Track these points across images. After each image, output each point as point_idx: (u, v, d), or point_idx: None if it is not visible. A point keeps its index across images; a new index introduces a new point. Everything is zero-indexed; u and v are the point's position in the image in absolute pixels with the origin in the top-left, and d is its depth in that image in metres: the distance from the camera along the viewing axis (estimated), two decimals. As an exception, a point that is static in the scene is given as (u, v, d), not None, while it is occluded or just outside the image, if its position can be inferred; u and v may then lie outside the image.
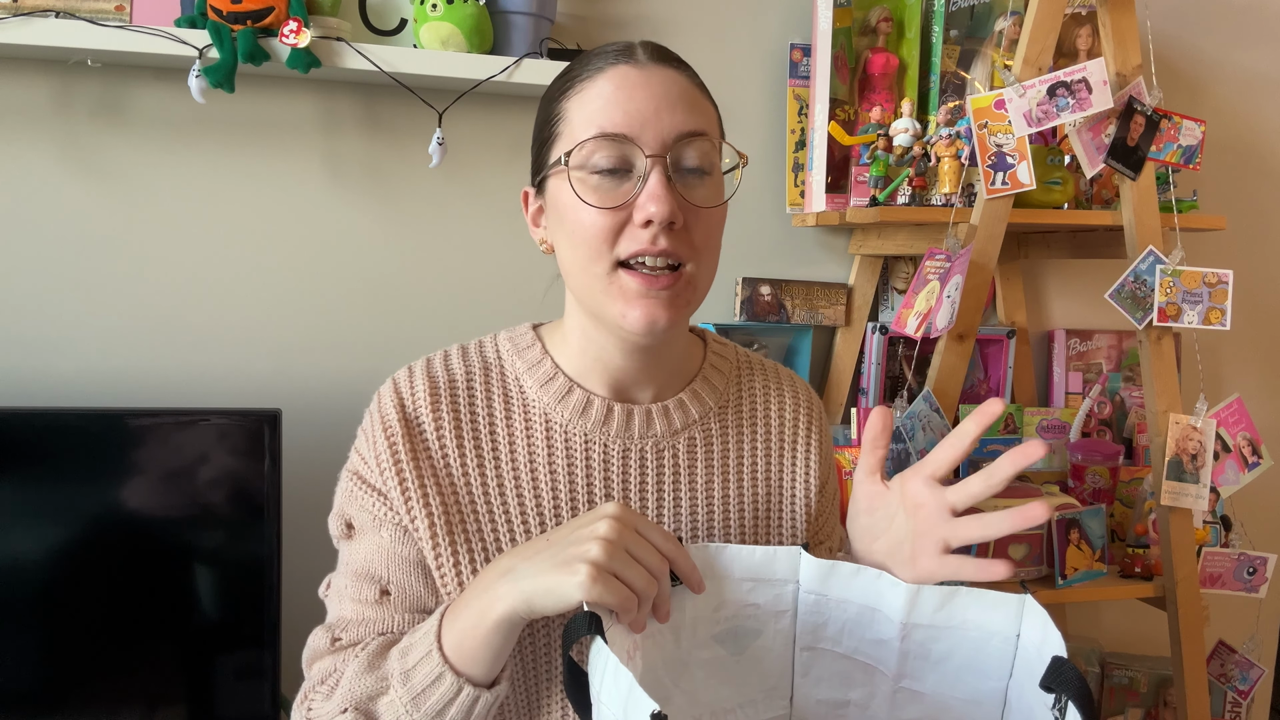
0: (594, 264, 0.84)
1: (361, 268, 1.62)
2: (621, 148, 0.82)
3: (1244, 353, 2.11)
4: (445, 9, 1.46)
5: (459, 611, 0.79)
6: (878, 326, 1.79)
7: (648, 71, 0.84)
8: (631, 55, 0.85)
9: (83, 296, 1.51)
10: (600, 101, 0.83)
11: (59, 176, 1.49)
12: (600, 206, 0.82)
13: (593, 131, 0.82)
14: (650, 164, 0.82)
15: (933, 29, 1.69)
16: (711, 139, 0.86)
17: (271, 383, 1.58)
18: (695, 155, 0.84)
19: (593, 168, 0.82)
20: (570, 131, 0.85)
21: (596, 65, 0.86)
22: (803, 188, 1.77)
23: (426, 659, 0.79)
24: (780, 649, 0.85)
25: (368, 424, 0.91)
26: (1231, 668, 1.83)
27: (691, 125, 0.84)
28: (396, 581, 0.88)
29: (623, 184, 0.83)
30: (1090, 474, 1.78)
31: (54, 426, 1.35)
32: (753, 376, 1.01)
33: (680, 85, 0.85)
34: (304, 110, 1.57)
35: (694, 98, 0.86)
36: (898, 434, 1.51)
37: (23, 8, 1.34)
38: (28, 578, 1.33)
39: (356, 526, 0.90)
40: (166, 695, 1.39)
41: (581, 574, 0.71)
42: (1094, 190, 1.74)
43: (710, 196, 0.86)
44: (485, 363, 0.93)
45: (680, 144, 0.83)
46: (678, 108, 0.83)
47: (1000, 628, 0.77)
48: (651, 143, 0.82)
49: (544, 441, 0.91)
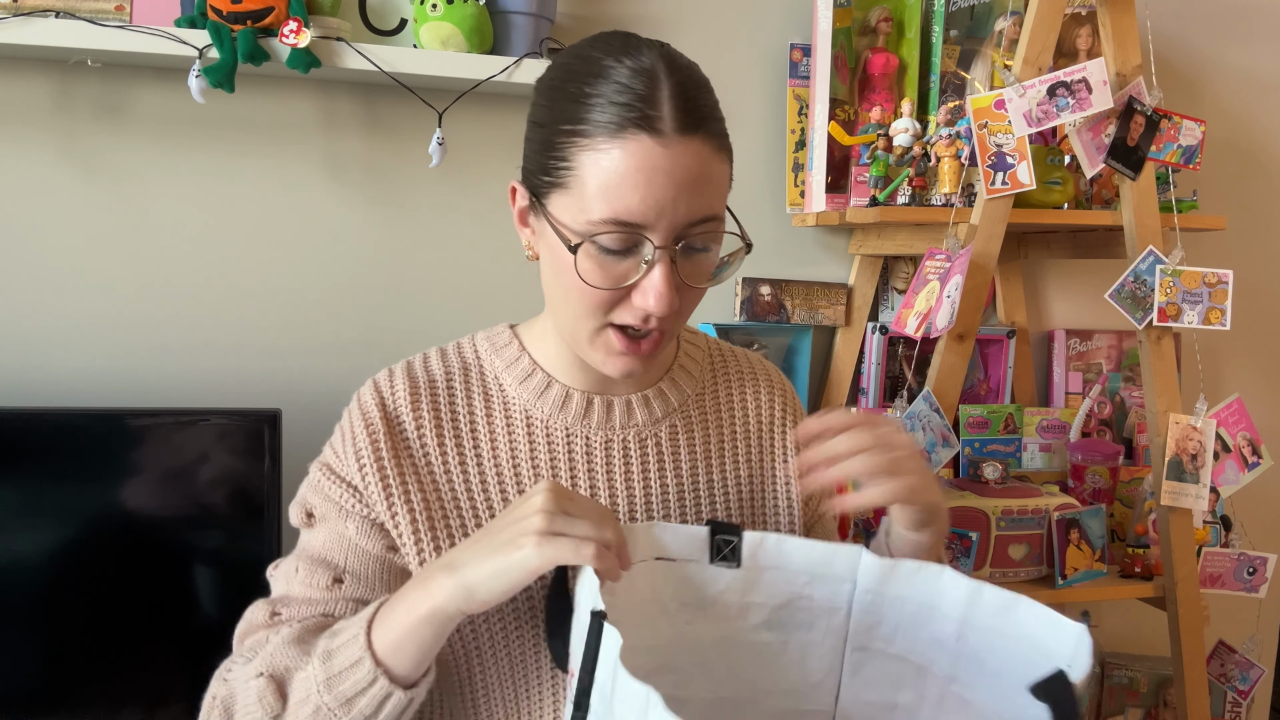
0: (583, 320, 0.83)
1: (361, 268, 1.62)
2: (632, 235, 0.79)
3: (1244, 353, 2.11)
4: (445, 9, 1.46)
5: (394, 604, 0.79)
6: (878, 326, 1.79)
7: (673, 151, 0.77)
8: (656, 124, 0.77)
9: (83, 296, 1.51)
10: (616, 179, 0.77)
11: (59, 176, 1.49)
12: (598, 287, 0.80)
13: (605, 214, 0.77)
14: (658, 255, 0.79)
15: (933, 29, 1.69)
16: (723, 217, 0.83)
17: (271, 383, 1.58)
18: (702, 239, 0.81)
19: (599, 244, 0.79)
20: (579, 191, 0.78)
21: (616, 121, 0.77)
22: (803, 188, 1.77)
23: (352, 643, 0.78)
24: (831, 646, 0.85)
25: (346, 422, 0.91)
26: (1231, 668, 1.83)
27: (707, 211, 0.80)
28: (352, 571, 0.88)
29: (624, 260, 0.80)
30: (1090, 474, 1.78)
31: (54, 426, 1.35)
32: (725, 363, 1.03)
33: (703, 160, 0.79)
34: (304, 110, 1.57)
35: (712, 172, 0.80)
36: (898, 434, 1.51)
37: (23, 8, 1.34)
38: (28, 578, 1.33)
39: (318, 515, 0.90)
40: (166, 695, 1.39)
41: (528, 545, 0.72)
42: (1094, 190, 1.74)
43: (707, 269, 0.84)
44: (464, 363, 0.94)
45: (691, 229, 0.80)
46: (695, 193, 0.78)
47: (1056, 653, 0.73)
48: (663, 234, 0.78)
49: (525, 437, 0.91)
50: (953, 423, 1.51)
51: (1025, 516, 1.63)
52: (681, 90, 0.78)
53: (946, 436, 1.49)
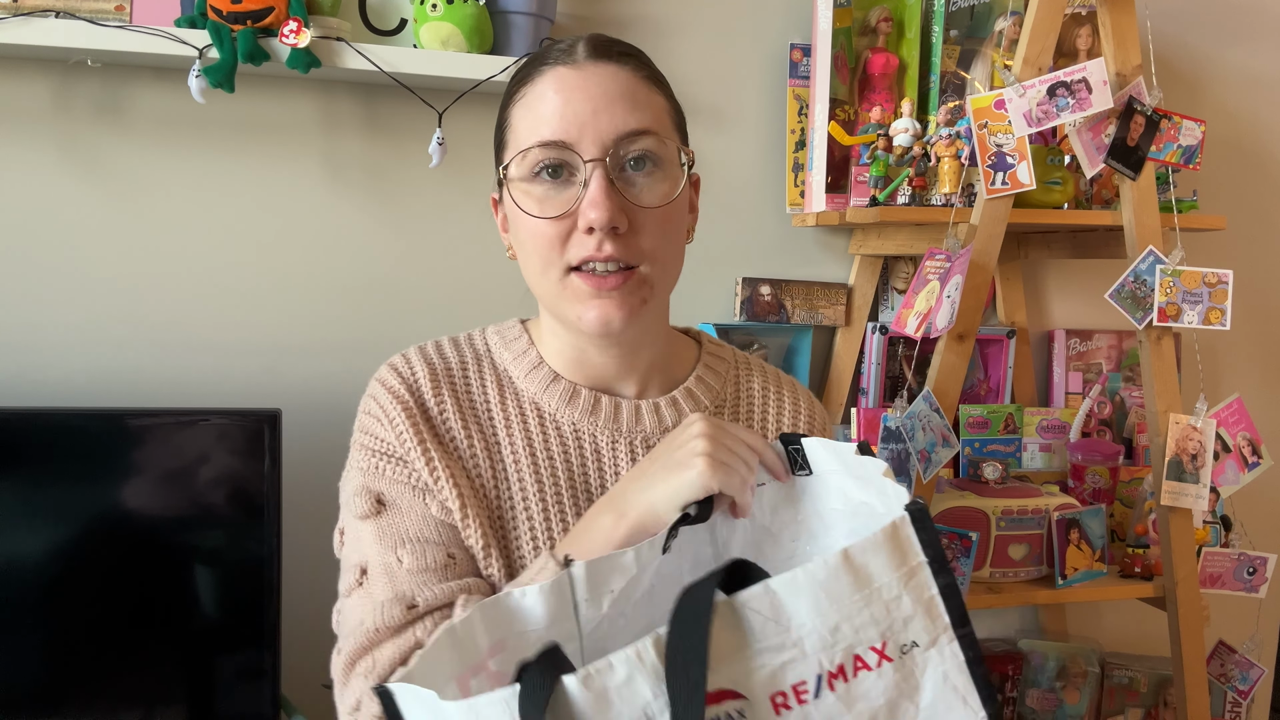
0: (547, 271, 0.85)
1: (361, 267, 1.62)
2: (561, 154, 0.82)
3: (1244, 353, 2.11)
4: (445, 9, 1.46)
5: (579, 537, 0.79)
6: (878, 326, 1.79)
7: (585, 72, 0.83)
8: (571, 55, 0.84)
9: (82, 296, 1.51)
10: (539, 107, 0.83)
11: (59, 176, 1.49)
12: (543, 217, 0.82)
13: (531, 141, 0.82)
14: (590, 168, 0.81)
15: (933, 29, 1.69)
16: (659, 135, 0.84)
17: (271, 383, 1.58)
18: (639, 154, 0.83)
19: (535, 177, 0.83)
20: (515, 140, 0.85)
21: (538, 68, 0.85)
22: (803, 188, 1.77)
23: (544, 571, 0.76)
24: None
25: (374, 407, 0.90)
26: (1231, 668, 1.83)
27: (633, 124, 0.82)
28: (458, 547, 0.85)
29: (566, 190, 0.82)
30: (1090, 474, 1.78)
31: (54, 426, 1.35)
32: (750, 377, 1.01)
33: (621, 81, 0.83)
34: (304, 110, 1.57)
35: (637, 93, 0.84)
36: (898, 434, 1.51)
37: (23, 8, 1.34)
38: (28, 578, 1.33)
39: (390, 499, 0.87)
40: (166, 695, 1.39)
41: (699, 465, 0.74)
42: (1094, 190, 1.74)
43: (660, 194, 0.84)
44: (475, 352, 0.94)
45: (622, 143, 0.82)
46: (617, 107, 0.82)
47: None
48: (590, 147, 0.81)
49: (538, 429, 0.91)
50: (953, 423, 1.51)
51: (1025, 516, 1.63)
52: (597, 37, 0.86)
53: (946, 436, 1.49)
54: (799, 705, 0.57)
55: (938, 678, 0.58)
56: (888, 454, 1.52)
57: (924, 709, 0.58)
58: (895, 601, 0.58)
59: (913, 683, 0.58)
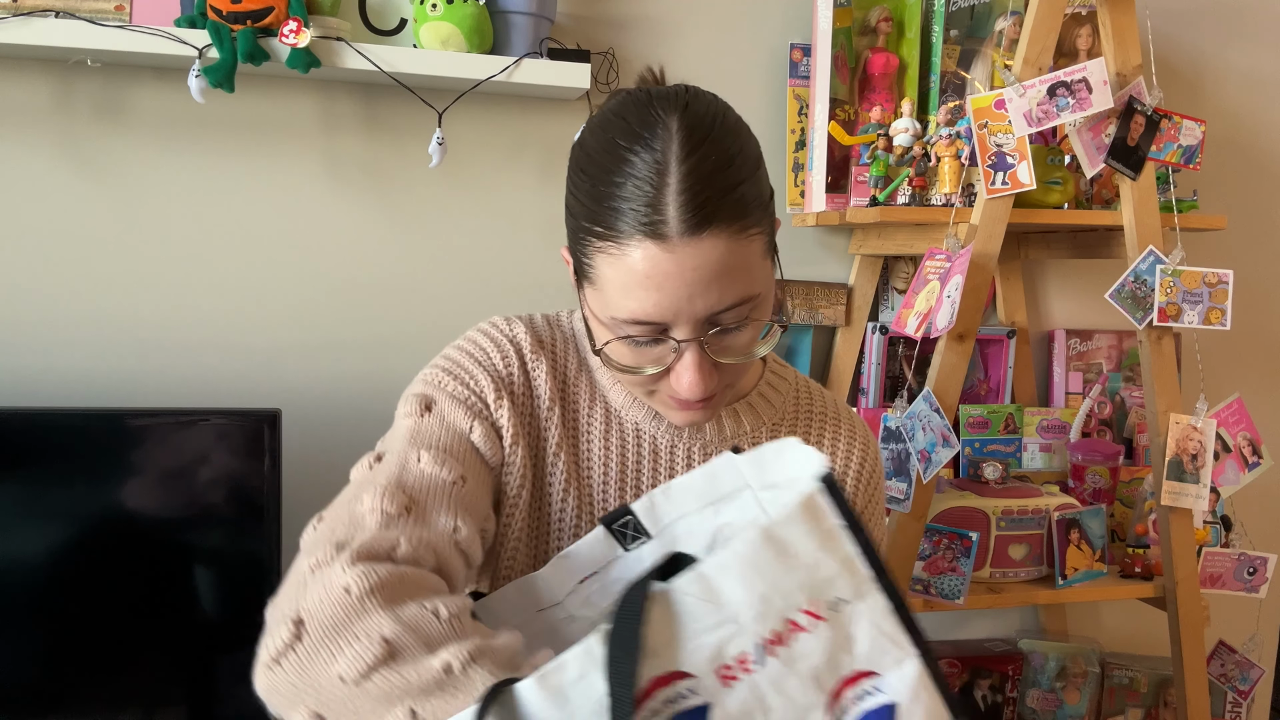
0: (633, 387, 0.89)
1: (361, 268, 1.62)
2: (653, 330, 0.81)
3: (1244, 353, 2.11)
4: (445, 9, 1.46)
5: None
6: (878, 326, 1.79)
7: (678, 255, 0.76)
8: (660, 229, 0.76)
9: (82, 296, 1.51)
10: (630, 283, 0.78)
11: (59, 176, 1.49)
12: (635, 370, 0.84)
13: (625, 314, 0.80)
14: (684, 346, 0.81)
15: (933, 29, 1.69)
16: (754, 299, 0.81)
17: (271, 383, 1.58)
18: (733, 319, 0.81)
19: (628, 339, 0.82)
20: (602, 290, 0.81)
21: (623, 229, 0.77)
22: (803, 188, 1.77)
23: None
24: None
25: (474, 346, 0.90)
26: (1231, 668, 1.83)
27: (730, 299, 0.79)
28: (470, 474, 0.83)
29: (656, 346, 0.82)
30: (1090, 474, 1.78)
31: (54, 426, 1.35)
32: (811, 401, 1.02)
33: (715, 257, 0.77)
34: (304, 110, 1.57)
35: (732, 260, 0.78)
36: (898, 434, 1.51)
37: (23, 8, 1.34)
38: (28, 578, 1.33)
39: (439, 408, 0.86)
40: (166, 695, 1.39)
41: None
42: (1094, 190, 1.74)
43: (749, 342, 0.84)
44: (564, 334, 0.96)
45: (717, 316, 0.80)
46: (712, 289, 0.78)
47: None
48: (684, 329, 0.80)
49: (603, 420, 0.93)
50: (953, 423, 1.51)
51: (1025, 516, 1.63)
52: (688, 184, 0.76)
53: (946, 436, 1.49)
54: (746, 675, 0.60)
55: (868, 628, 0.62)
56: (888, 454, 1.52)
57: (860, 658, 0.62)
58: (816, 565, 0.62)
59: (846, 634, 0.62)
